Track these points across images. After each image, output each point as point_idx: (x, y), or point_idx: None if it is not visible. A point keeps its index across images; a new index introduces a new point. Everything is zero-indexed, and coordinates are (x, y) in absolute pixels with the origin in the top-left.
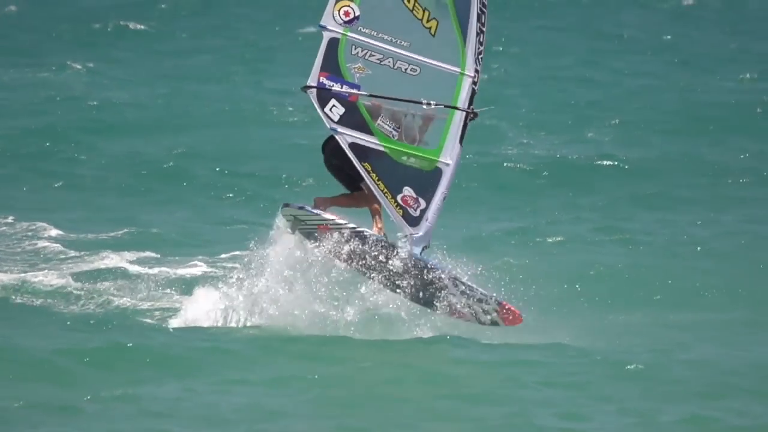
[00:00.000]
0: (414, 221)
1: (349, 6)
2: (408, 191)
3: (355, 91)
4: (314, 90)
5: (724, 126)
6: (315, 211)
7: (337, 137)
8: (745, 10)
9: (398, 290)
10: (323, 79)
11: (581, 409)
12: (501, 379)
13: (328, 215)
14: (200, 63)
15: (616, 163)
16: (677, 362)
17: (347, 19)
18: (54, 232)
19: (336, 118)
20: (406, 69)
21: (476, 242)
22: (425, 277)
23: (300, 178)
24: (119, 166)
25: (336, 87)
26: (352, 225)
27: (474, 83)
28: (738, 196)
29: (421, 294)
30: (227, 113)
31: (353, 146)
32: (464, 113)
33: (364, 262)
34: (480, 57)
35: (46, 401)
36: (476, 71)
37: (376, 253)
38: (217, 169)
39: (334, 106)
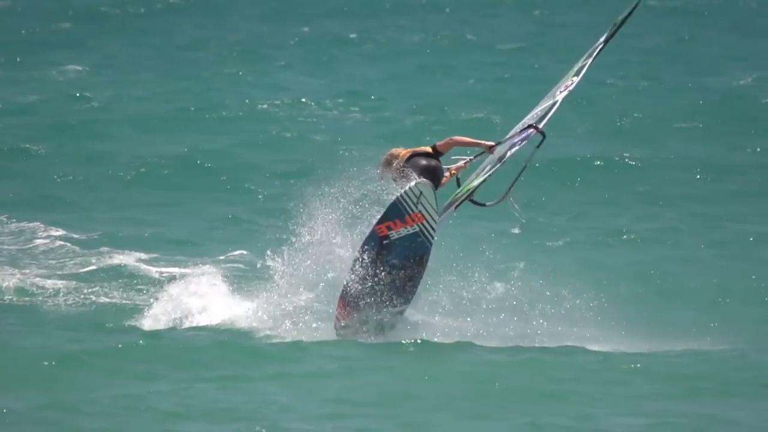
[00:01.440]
0: None
1: (572, 80)
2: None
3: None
4: (539, 136)
5: (724, 124)
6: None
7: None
8: (741, 9)
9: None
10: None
11: (595, 410)
12: (512, 380)
13: (436, 215)
14: (195, 60)
15: (615, 160)
16: (692, 361)
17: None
18: (53, 231)
19: (507, 155)
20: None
21: (476, 242)
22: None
23: (292, 174)
24: (118, 164)
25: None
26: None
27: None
28: (739, 194)
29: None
30: (221, 110)
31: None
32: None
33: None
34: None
35: (50, 402)
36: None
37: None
38: (214, 166)
39: (518, 147)
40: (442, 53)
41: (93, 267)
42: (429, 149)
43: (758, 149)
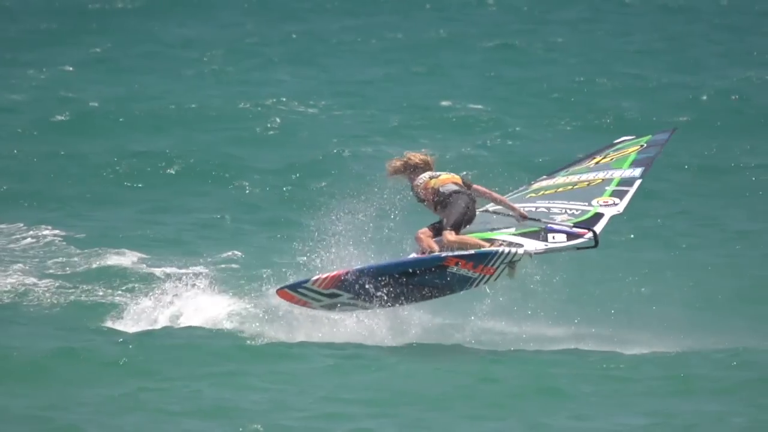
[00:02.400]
0: None
1: (614, 200)
2: None
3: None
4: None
5: (713, 122)
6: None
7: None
8: (727, 7)
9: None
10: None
11: (591, 409)
12: (508, 379)
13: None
14: (181, 58)
15: None
16: (687, 360)
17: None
18: (40, 230)
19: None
20: None
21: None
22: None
23: (279, 171)
24: (104, 163)
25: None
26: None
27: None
28: (729, 192)
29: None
30: (207, 109)
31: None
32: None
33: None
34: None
35: (42, 400)
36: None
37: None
38: (201, 164)
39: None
40: (428, 51)
41: (81, 266)
42: (460, 181)
43: (748, 147)
